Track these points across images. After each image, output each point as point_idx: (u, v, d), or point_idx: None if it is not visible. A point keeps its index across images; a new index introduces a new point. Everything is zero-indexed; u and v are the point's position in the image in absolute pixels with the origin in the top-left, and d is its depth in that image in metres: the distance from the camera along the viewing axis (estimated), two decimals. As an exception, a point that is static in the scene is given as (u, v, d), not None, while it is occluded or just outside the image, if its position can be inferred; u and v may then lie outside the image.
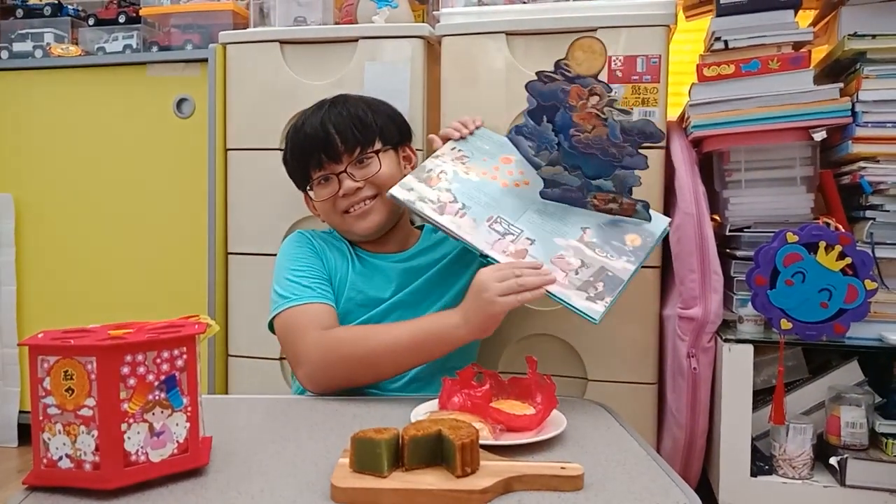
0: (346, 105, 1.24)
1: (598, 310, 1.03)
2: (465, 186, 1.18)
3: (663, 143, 1.37)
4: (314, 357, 1.10)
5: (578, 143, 1.11)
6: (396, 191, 1.16)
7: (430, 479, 0.72)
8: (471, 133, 1.27)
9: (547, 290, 1.03)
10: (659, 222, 1.17)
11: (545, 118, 1.13)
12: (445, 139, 1.27)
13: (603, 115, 1.07)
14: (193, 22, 1.80)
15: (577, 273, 1.07)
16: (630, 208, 1.15)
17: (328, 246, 1.27)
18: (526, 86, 1.12)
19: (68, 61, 1.82)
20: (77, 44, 1.93)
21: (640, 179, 1.12)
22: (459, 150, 1.24)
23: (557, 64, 1.08)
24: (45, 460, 0.72)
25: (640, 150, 1.08)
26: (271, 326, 1.19)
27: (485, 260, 1.10)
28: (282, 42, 1.54)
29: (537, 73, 1.10)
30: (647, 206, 1.15)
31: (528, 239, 1.11)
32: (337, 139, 1.20)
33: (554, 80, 1.09)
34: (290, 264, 1.21)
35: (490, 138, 1.28)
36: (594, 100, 1.07)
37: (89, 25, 1.94)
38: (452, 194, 1.16)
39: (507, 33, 1.42)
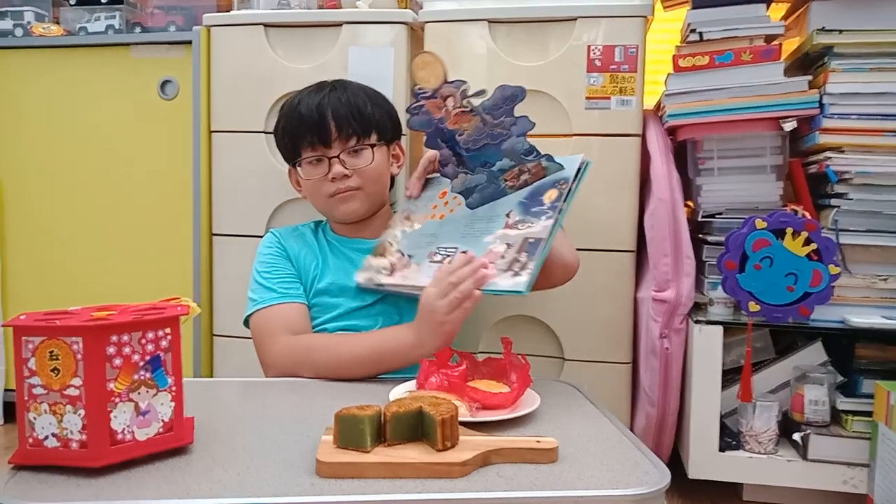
0: (346, 92, 1.24)
1: (522, 280, 1.01)
2: (412, 239, 1.22)
3: (639, 132, 1.39)
4: (282, 363, 1.16)
5: (467, 144, 1.13)
6: (359, 276, 1.22)
7: (412, 454, 0.74)
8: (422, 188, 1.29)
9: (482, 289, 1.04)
10: (571, 164, 1.13)
11: (439, 140, 1.15)
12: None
13: (468, 108, 1.10)
14: (177, 3, 1.80)
15: (503, 257, 1.06)
16: (539, 170, 1.13)
17: (298, 242, 1.29)
18: (406, 124, 1.15)
19: (50, 41, 1.80)
20: (58, 23, 1.91)
21: (527, 140, 1.11)
22: (405, 210, 1.28)
23: (413, 91, 1.12)
24: (30, 439, 0.72)
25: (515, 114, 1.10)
26: (247, 323, 1.24)
27: None
28: (266, 25, 1.54)
29: (407, 111, 1.15)
30: (550, 157, 1.13)
31: (462, 252, 1.11)
32: (332, 125, 1.21)
33: (420, 106, 1.13)
34: (259, 267, 1.26)
35: (429, 182, 1.30)
36: (451, 101, 1.10)
37: (71, 5, 1.92)
38: (400, 251, 1.20)
39: (490, 21, 1.44)
